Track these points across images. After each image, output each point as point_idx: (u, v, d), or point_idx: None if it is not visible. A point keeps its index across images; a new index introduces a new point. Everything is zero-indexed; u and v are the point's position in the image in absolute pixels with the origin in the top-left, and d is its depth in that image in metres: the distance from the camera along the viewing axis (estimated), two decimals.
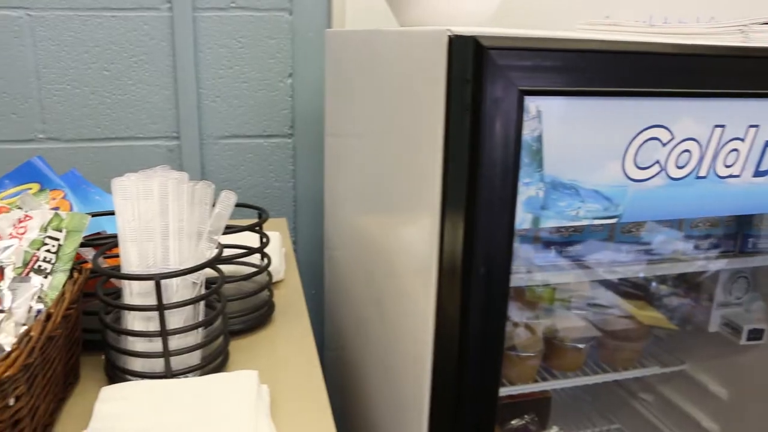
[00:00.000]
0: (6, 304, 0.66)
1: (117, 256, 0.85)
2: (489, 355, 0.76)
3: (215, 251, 0.82)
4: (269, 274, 0.97)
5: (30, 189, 0.98)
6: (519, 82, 0.67)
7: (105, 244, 0.85)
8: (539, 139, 0.72)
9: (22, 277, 0.69)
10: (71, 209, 0.97)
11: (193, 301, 0.78)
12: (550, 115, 0.71)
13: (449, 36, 0.69)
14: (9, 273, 0.67)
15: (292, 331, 0.95)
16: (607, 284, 1.21)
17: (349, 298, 1.15)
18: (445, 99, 0.71)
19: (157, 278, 0.74)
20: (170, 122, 1.40)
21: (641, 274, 1.19)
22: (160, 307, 0.75)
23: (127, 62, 1.37)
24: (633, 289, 1.24)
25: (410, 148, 0.81)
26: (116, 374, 0.81)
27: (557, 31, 0.72)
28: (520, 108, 0.68)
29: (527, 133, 0.70)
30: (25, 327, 0.67)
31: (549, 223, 0.75)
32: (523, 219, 0.73)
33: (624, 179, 0.77)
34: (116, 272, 0.77)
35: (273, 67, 1.40)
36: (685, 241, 1.09)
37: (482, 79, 0.66)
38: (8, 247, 0.68)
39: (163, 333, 0.76)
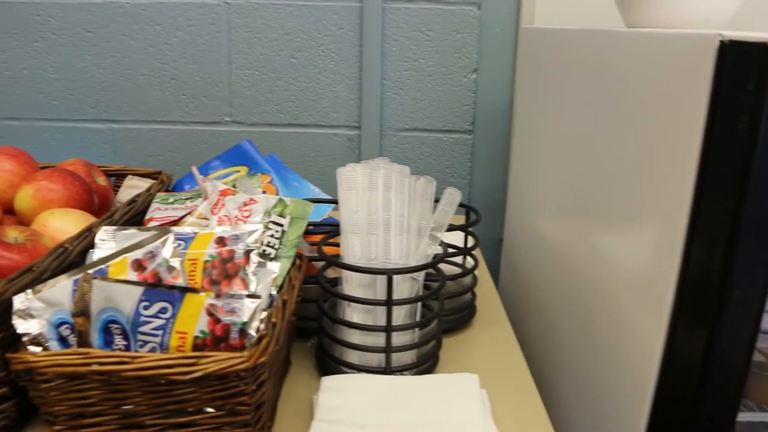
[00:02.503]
0: (251, 289, 0.67)
1: (323, 243, 0.86)
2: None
3: (437, 249, 0.80)
4: (475, 277, 0.95)
5: (238, 172, 1.00)
6: None
7: (312, 231, 0.85)
8: None
9: (260, 262, 0.69)
10: (277, 194, 0.98)
11: (420, 299, 0.76)
12: None
13: (721, 41, 0.64)
14: (254, 258, 0.68)
15: (494, 334, 0.92)
16: None
17: (534, 306, 1.11)
18: (708, 108, 0.66)
19: (390, 273, 0.73)
20: (352, 112, 1.40)
21: None
22: (389, 302, 0.74)
23: (314, 51, 1.38)
24: None
25: (643, 156, 0.77)
26: (329, 363, 0.80)
27: None
28: None
29: None
30: (264, 313, 0.67)
31: None
32: None
33: None
34: (348, 264, 0.76)
35: (458, 61, 1.38)
36: None
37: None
38: (254, 232, 0.68)
39: (389, 328, 0.75)
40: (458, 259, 0.97)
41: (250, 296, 0.61)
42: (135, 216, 0.90)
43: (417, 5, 1.35)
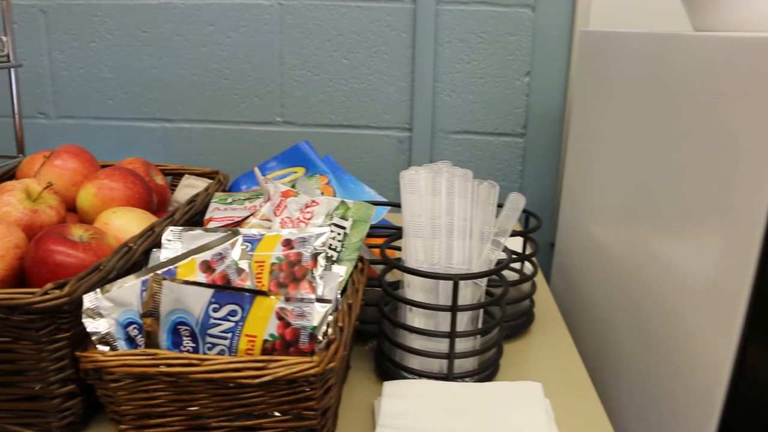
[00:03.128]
0: (318, 292, 0.66)
1: (376, 247, 0.85)
2: None
3: (500, 255, 0.79)
4: (534, 284, 0.93)
5: (296, 172, 1.00)
6: None
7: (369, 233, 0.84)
8: None
9: (326, 265, 0.69)
10: (334, 195, 0.98)
11: (485, 305, 0.75)
12: None
13: None
14: (321, 261, 0.67)
15: (552, 342, 0.91)
16: None
17: (587, 313, 1.09)
18: None
19: (456, 279, 0.72)
20: (403, 114, 1.39)
21: None
22: (454, 308, 0.73)
23: (366, 52, 1.37)
24: None
25: (712, 160, 0.75)
26: (389, 368, 0.80)
27: None
28: None
29: None
30: (331, 317, 0.67)
31: None
32: None
33: None
34: (414, 269, 0.75)
35: (511, 64, 1.36)
36: None
37: None
38: (321, 235, 0.68)
39: (453, 334, 0.74)
40: (515, 265, 0.96)
41: (319, 300, 0.61)
42: (194, 216, 0.90)
43: (471, 7, 1.34)
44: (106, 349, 0.63)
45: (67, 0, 1.40)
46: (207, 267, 0.63)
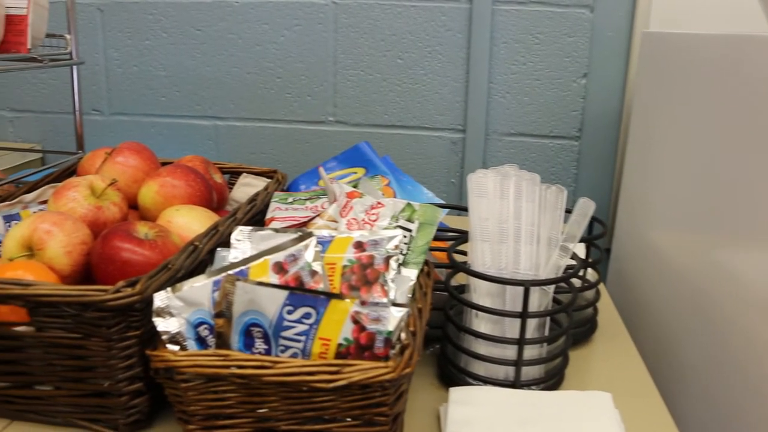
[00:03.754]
0: (390, 296, 0.65)
1: (441, 249, 0.84)
2: None
3: (568, 261, 0.77)
4: (598, 291, 0.91)
5: (355, 173, 0.99)
6: None
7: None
8: None
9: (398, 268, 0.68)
10: (394, 197, 0.97)
11: (554, 312, 0.74)
12: None
13: None
14: (393, 264, 0.66)
15: (616, 351, 0.88)
16: None
17: (646, 321, 1.07)
18: None
19: (527, 285, 0.70)
20: (457, 115, 1.38)
21: None
22: (524, 315, 0.71)
23: (421, 52, 1.36)
24: None
25: None
26: (453, 373, 0.78)
27: None
28: None
29: None
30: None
31: None
32: None
33: None
34: (484, 273, 0.74)
35: (568, 65, 1.34)
36: None
37: None
38: (393, 237, 0.67)
39: (521, 341, 0.72)
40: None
41: (395, 305, 0.59)
42: (255, 215, 0.90)
43: (527, 7, 1.32)
44: (176, 348, 0.63)
45: None
46: (280, 268, 0.62)
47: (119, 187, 0.89)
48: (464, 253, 0.83)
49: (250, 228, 0.69)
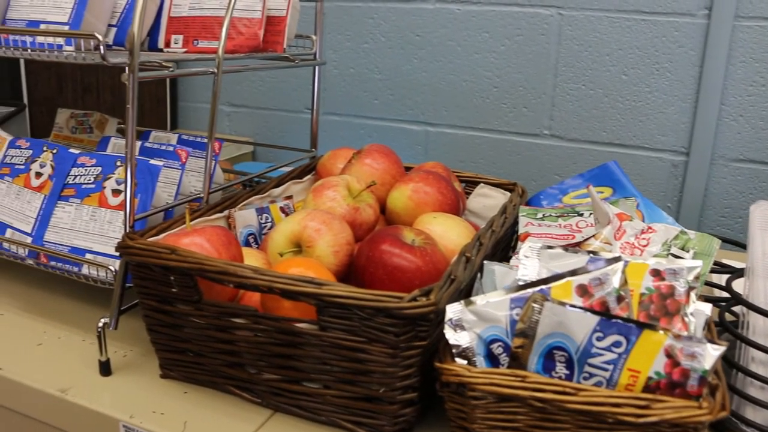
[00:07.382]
0: (691, 330, 0.62)
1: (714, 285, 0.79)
2: None
3: None
4: None
5: (602, 192, 0.95)
6: None
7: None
8: None
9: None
10: (643, 220, 0.93)
11: None
12: None
13: None
14: (693, 297, 0.62)
15: None
16: None
17: None
18: None
19: None
20: (681, 136, 1.31)
21: None
22: None
23: (648, 69, 1.30)
24: None
25: None
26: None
27: None
28: None
29: None
30: None
31: None
32: None
33: None
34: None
35: None
36: None
37: None
38: (694, 268, 0.63)
39: None
40: None
41: (711, 342, 0.56)
42: (508, 230, 0.88)
43: None
44: (464, 362, 0.62)
45: (346, 2, 1.43)
46: (584, 291, 0.60)
47: (372, 190, 0.90)
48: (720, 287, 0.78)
49: (539, 245, 0.67)
